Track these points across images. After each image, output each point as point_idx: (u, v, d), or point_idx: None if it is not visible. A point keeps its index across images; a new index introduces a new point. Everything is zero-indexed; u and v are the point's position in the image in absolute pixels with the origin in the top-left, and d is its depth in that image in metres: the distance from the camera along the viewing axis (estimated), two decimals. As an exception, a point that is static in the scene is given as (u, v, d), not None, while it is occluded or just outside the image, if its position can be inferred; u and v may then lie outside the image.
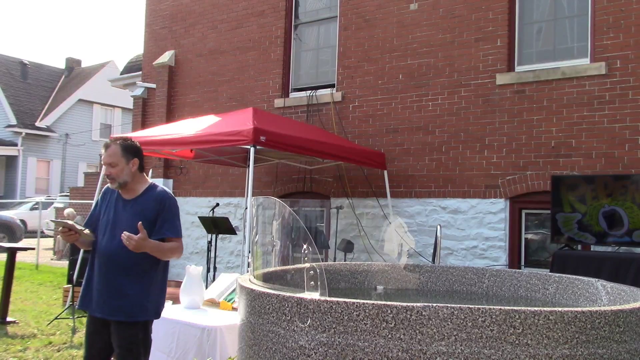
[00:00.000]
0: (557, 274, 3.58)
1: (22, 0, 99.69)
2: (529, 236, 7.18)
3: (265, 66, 9.48)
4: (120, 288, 3.33)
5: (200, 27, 10.48)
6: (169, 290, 5.56)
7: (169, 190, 3.60)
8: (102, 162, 3.51)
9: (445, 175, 7.58)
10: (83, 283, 3.50)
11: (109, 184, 3.51)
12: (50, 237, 16.36)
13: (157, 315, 3.50)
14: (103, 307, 3.35)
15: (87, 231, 3.41)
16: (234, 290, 4.62)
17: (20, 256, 8.86)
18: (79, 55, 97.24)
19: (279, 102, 9.23)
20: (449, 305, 2.11)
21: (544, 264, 6.77)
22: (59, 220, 3.47)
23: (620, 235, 5.86)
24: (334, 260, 7.69)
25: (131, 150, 3.48)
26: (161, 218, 3.41)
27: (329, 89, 8.79)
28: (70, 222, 3.34)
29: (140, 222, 3.24)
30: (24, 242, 15.81)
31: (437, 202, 7.60)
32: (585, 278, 3.30)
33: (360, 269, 3.91)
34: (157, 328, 4.02)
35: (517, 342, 2.07)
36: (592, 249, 6.24)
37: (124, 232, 3.22)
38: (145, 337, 3.42)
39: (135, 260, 3.33)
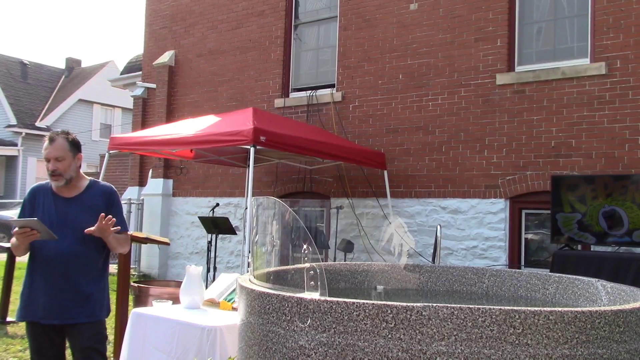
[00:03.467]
0: (557, 274, 3.58)
1: (22, 0, 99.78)
2: (529, 236, 7.18)
3: (265, 66, 9.48)
4: (80, 288, 3.22)
5: (200, 27, 10.48)
6: (169, 290, 5.58)
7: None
8: (45, 157, 3.28)
9: (445, 175, 7.58)
10: (24, 292, 3.30)
11: (52, 182, 3.29)
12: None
13: (109, 314, 3.46)
14: (60, 311, 3.18)
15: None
16: (234, 290, 4.62)
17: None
18: (79, 55, 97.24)
19: (279, 102, 9.23)
20: (449, 305, 2.11)
21: (544, 264, 6.77)
22: (25, 219, 3.17)
23: (620, 235, 5.86)
24: (334, 260, 7.69)
25: (77, 145, 3.35)
26: (112, 213, 3.29)
27: (329, 89, 8.79)
28: (35, 219, 3.09)
29: (105, 215, 3.17)
30: (24, 242, 15.78)
31: (437, 202, 7.61)
32: (585, 278, 3.30)
33: (360, 269, 3.91)
34: (157, 328, 4.02)
35: (517, 342, 2.07)
36: (592, 249, 6.24)
37: (88, 229, 3.15)
38: (106, 334, 3.40)
39: (92, 258, 3.29)
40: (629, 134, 6.42)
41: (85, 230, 3.18)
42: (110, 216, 3.18)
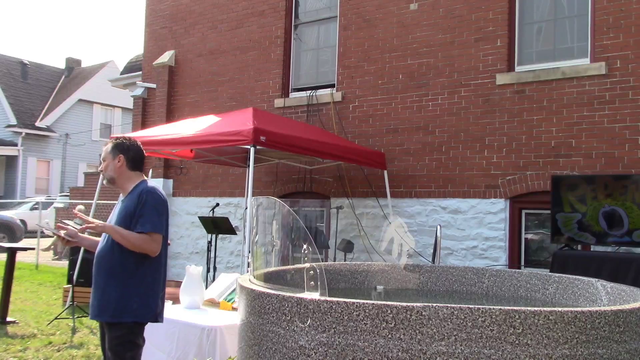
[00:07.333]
0: (557, 274, 3.58)
1: (22, 0, 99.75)
2: (529, 236, 7.18)
3: (265, 66, 9.48)
4: (105, 288, 3.32)
5: (200, 27, 10.48)
6: (169, 290, 5.56)
7: (158, 188, 3.49)
8: None
9: (445, 175, 7.58)
10: None
11: None
12: (50, 237, 16.38)
13: (150, 317, 3.39)
14: (93, 308, 3.38)
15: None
16: (234, 290, 4.62)
17: (20, 256, 8.86)
18: (79, 55, 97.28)
19: (279, 102, 9.23)
20: (449, 305, 2.11)
21: (544, 264, 6.77)
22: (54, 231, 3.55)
23: (620, 235, 5.85)
24: (334, 260, 7.69)
25: (119, 147, 3.50)
26: (137, 213, 3.33)
27: (329, 89, 8.78)
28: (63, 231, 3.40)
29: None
30: (24, 242, 15.82)
31: (437, 202, 7.60)
32: (585, 278, 3.30)
33: (360, 269, 3.91)
34: (157, 328, 4.02)
35: (517, 342, 2.07)
36: (592, 249, 6.24)
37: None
38: (132, 339, 3.31)
39: (119, 260, 3.32)
40: (629, 134, 6.42)
41: (80, 227, 3.43)
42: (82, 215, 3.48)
